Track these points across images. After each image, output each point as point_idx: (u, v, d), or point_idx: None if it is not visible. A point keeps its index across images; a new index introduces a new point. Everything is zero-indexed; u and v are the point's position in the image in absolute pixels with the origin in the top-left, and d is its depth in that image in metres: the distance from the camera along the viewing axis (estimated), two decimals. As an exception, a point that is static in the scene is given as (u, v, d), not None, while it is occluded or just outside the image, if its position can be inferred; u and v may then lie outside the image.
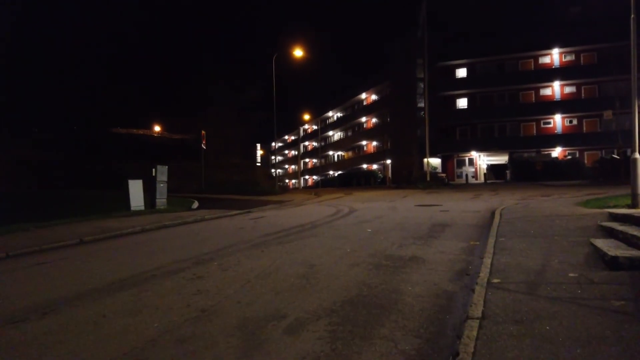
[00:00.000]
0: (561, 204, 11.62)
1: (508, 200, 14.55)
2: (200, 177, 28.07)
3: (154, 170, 14.51)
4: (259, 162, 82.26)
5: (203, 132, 27.62)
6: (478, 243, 7.23)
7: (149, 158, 34.06)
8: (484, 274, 5.08)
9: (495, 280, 4.78)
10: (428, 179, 30.25)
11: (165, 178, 14.88)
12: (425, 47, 31.41)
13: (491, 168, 44.47)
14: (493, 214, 10.65)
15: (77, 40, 45.29)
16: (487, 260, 5.75)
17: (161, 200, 14.72)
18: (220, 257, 6.50)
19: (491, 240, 7.05)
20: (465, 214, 11.21)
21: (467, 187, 28.74)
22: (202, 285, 4.99)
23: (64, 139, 33.44)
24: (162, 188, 14.73)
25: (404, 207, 13.51)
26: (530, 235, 7.37)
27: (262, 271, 5.60)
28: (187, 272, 5.68)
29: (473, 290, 4.51)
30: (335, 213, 12.56)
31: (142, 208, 14.01)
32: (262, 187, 28.05)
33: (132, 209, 13.62)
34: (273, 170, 53.55)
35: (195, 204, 17.17)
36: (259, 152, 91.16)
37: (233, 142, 37.32)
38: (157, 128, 41.52)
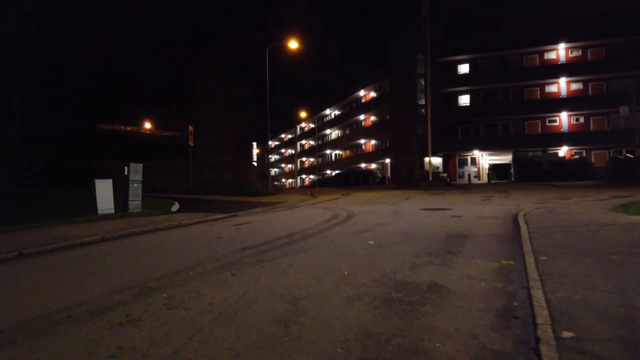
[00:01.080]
0: (593, 209, 10.04)
1: (525, 204, 12.99)
2: (188, 176, 26.40)
3: (126, 168, 12.87)
4: (255, 161, 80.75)
5: (190, 127, 25.93)
6: (512, 263, 5.63)
7: (136, 156, 32.38)
8: (542, 319, 3.48)
9: (567, 335, 3.17)
10: (430, 179, 28.67)
11: (139, 177, 13.24)
12: (428, 41, 29.83)
13: (493, 168, 43.01)
14: (515, 220, 9.08)
15: (61, 34, 43.40)
16: (538, 294, 4.14)
17: (135, 202, 13.07)
18: (174, 285, 4.87)
19: (529, 260, 5.46)
20: (482, 220, 9.61)
21: (471, 187, 27.17)
22: (129, 338, 3.37)
23: (45, 136, 31.73)
24: (136, 189, 13.09)
25: (409, 212, 11.90)
26: (577, 252, 5.78)
27: (225, 310, 3.98)
28: (118, 311, 4.05)
29: (538, 354, 2.91)
30: (331, 218, 10.94)
31: (112, 212, 12.36)
32: (255, 187, 26.41)
33: (100, 212, 11.98)
34: (269, 170, 51.95)
35: (176, 207, 15.53)
36: (255, 151, 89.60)
37: (225, 139, 35.62)
38: (147, 125, 39.71)
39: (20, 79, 32.53)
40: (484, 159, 44.31)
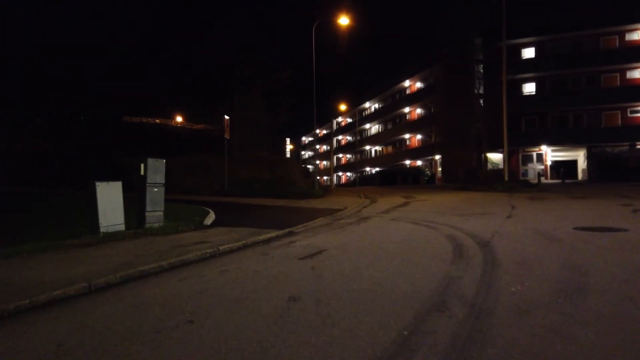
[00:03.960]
0: None
1: None
2: (222, 174, 22.79)
3: (142, 166, 9.19)
4: (288, 157, 77.44)
5: (226, 117, 22.26)
6: None
7: (164, 151, 29.24)
8: None
9: None
10: (506, 178, 24.07)
11: (162, 178, 9.53)
12: (504, 17, 25.16)
13: (555, 165, 37.91)
14: None
15: (89, 22, 40.47)
16: None
17: (155, 214, 9.37)
18: None
19: None
20: None
21: (561, 189, 22.37)
22: None
23: (64, 129, 28.87)
24: (156, 194, 9.38)
25: (573, 237, 7.67)
26: None
27: None
28: None
29: None
30: (457, 251, 6.86)
31: (122, 228, 8.69)
32: (301, 188, 22.58)
33: (103, 230, 8.30)
34: (310, 166, 48.15)
35: (210, 217, 11.75)
36: (289, 147, 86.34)
37: (261, 133, 31.94)
38: (179, 119, 36.52)
39: (35, 67, 29.80)
40: (550, 155, 39.09)
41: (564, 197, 16.19)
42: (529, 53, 38.96)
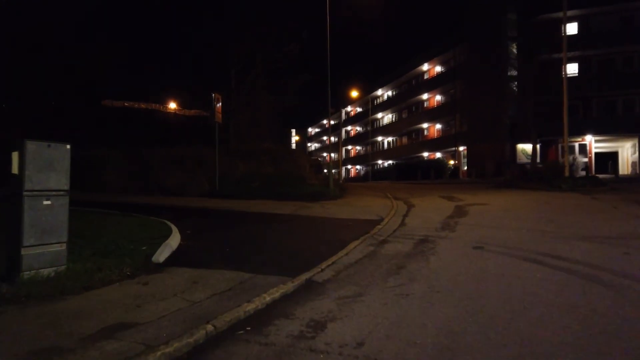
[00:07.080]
0: None
1: None
2: (214, 169, 18.25)
3: (15, 156, 4.69)
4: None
5: (217, 95, 17.63)
6: None
7: (149, 140, 24.92)
8: None
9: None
10: (567, 174, 19.39)
11: (60, 182, 4.98)
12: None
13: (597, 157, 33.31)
14: None
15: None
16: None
17: (45, 249, 4.81)
18: None
19: None
20: None
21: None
22: None
23: (34, 117, 24.49)
24: (47, 212, 4.83)
25: None
26: None
27: None
28: None
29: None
30: None
31: (-42, 287, 4.20)
32: (311, 186, 18.06)
33: None
34: (320, 159, 43.69)
35: (169, 245, 6.90)
36: (294, 138, 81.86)
37: (263, 119, 27.31)
38: (171, 104, 31.92)
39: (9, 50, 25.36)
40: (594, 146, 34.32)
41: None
42: (570, 29, 33.89)
